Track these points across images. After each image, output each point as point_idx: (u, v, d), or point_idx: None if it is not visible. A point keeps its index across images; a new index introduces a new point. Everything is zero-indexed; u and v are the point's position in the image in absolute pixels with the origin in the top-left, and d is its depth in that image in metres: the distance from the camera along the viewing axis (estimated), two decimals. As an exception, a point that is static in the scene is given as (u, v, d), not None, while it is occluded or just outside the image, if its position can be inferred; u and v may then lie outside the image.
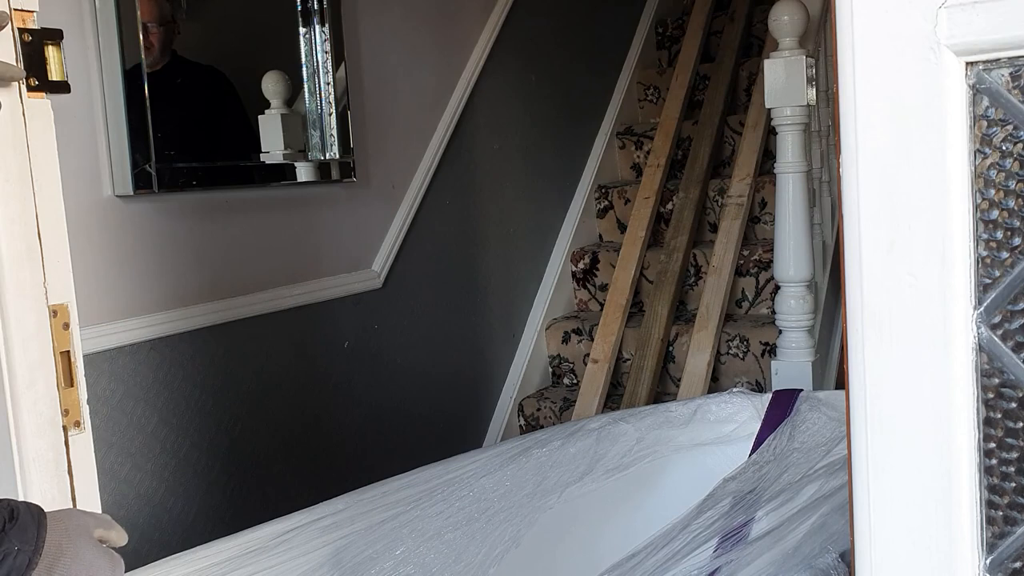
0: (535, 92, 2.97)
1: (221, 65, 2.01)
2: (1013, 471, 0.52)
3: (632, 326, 2.83)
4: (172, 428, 1.91)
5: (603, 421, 1.73)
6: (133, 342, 1.82)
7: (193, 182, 1.92)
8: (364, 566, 1.37)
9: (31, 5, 0.94)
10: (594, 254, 3.08)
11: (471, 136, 2.70)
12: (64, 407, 0.95)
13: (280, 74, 2.10)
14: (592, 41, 3.29)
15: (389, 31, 2.40)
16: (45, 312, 0.94)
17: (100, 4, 1.74)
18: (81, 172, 1.74)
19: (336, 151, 2.20)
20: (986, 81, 0.51)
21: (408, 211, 2.46)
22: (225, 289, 2.01)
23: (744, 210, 2.78)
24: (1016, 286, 0.51)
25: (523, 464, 1.59)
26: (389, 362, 2.44)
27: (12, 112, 0.91)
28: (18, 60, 0.92)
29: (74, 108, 1.70)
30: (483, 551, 1.41)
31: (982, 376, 0.52)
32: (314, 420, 2.23)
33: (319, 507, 1.46)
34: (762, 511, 1.34)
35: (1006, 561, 0.53)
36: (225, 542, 1.35)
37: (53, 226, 0.95)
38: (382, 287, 2.40)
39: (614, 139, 3.37)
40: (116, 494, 1.80)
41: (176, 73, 1.90)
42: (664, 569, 1.21)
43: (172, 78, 1.88)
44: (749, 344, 2.64)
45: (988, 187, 0.51)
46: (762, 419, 1.70)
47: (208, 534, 1.88)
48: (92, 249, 1.75)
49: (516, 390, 2.87)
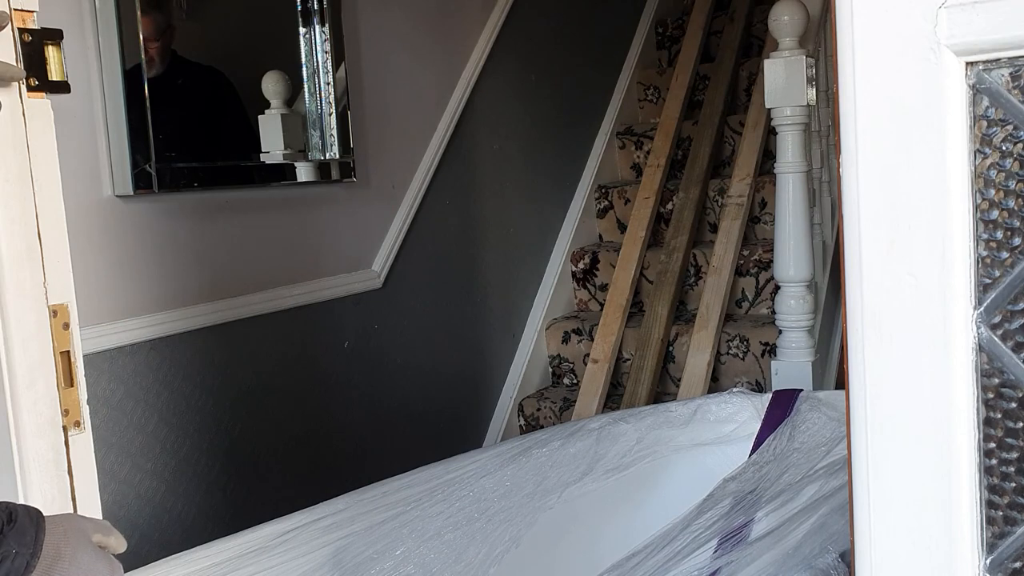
0: (535, 92, 2.97)
1: (221, 65, 2.01)
2: (1013, 471, 0.52)
3: (632, 326, 2.83)
4: (172, 428, 1.91)
5: (603, 421, 1.73)
6: (133, 342, 1.82)
7: (193, 182, 1.92)
8: (364, 566, 1.37)
9: (31, 5, 0.94)
10: (594, 254, 3.08)
11: (471, 136, 2.70)
12: (64, 407, 0.95)
13: (280, 74, 2.10)
14: (592, 41, 3.29)
15: (389, 31, 2.40)
16: (45, 312, 0.94)
17: (100, 4, 1.74)
18: (81, 172, 1.74)
19: (336, 151, 2.20)
20: (986, 81, 0.51)
21: (408, 211, 2.46)
22: (225, 289, 2.01)
23: (744, 210, 2.78)
24: (1016, 286, 0.51)
25: (523, 464, 1.59)
26: (389, 362, 2.43)
27: (12, 112, 0.91)
28: (18, 60, 0.92)
29: (74, 108, 1.70)
30: (483, 551, 1.41)
31: (982, 376, 0.52)
32: (314, 420, 2.23)
33: (319, 507, 1.45)
34: (762, 511, 1.34)
35: (1006, 561, 0.53)
36: (225, 542, 1.35)
37: (53, 226, 0.95)
38: (382, 287, 2.40)
39: (614, 139, 3.37)
40: (116, 494, 1.80)
41: (176, 73, 1.90)
42: (664, 570, 1.21)
43: (172, 78, 1.88)
44: (749, 344, 2.64)
45: (988, 187, 0.51)
46: (762, 419, 1.70)
47: (208, 534, 1.88)
48: (92, 249, 1.75)
49: (516, 390, 2.87)
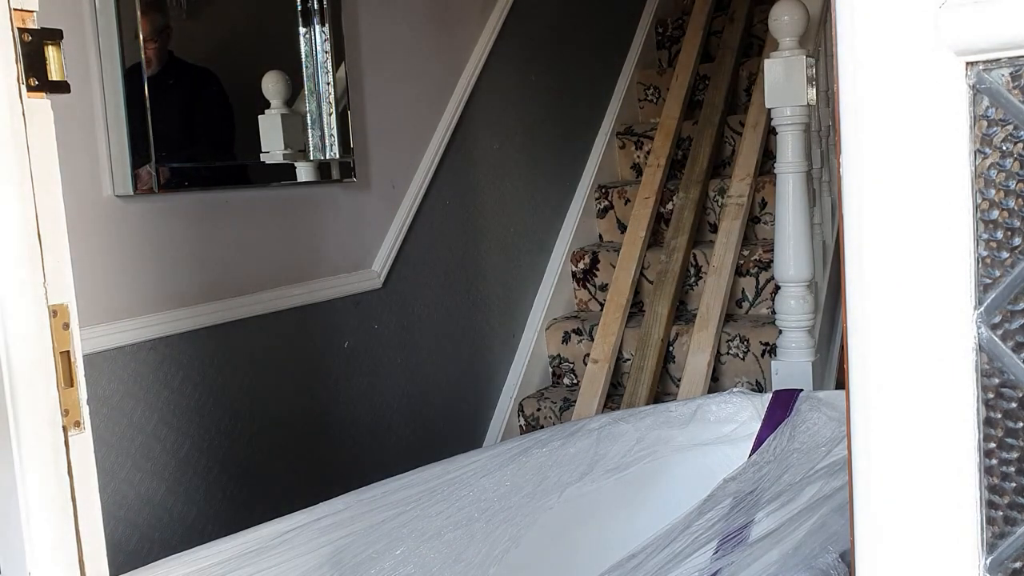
0: (535, 92, 2.97)
1: (221, 65, 2.01)
2: (1013, 471, 0.52)
3: (632, 326, 2.83)
4: (172, 428, 1.91)
5: (603, 421, 1.73)
6: (133, 342, 1.82)
7: (193, 182, 1.92)
8: (364, 566, 1.37)
9: (31, 5, 0.93)
10: (594, 254, 3.08)
11: (471, 136, 2.70)
12: (64, 407, 0.95)
13: (280, 74, 2.10)
14: (592, 41, 3.29)
15: (389, 31, 2.40)
16: (45, 312, 0.94)
17: (100, 4, 1.74)
18: (81, 172, 1.74)
19: (336, 151, 2.20)
20: (986, 81, 0.51)
21: (408, 211, 2.46)
22: (225, 289, 2.01)
23: (744, 210, 2.78)
24: (1016, 286, 0.51)
25: (523, 464, 1.59)
26: (389, 362, 2.43)
27: (12, 112, 0.91)
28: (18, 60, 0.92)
29: (74, 108, 1.70)
30: (483, 551, 1.41)
31: (982, 376, 0.52)
32: (314, 420, 2.23)
33: (319, 507, 1.45)
34: (762, 512, 1.34)
35: (1006, 561, 0.53)
36: (225, 542, 1.35)
37: (53, 226, 0.95)
38: (382, 287, 2.40)
39: (614, 139, 3.37)
40: (116, 494, 1.80)
41: (176, 74, 1.90)
42: (665, 570, 1.21)
43: (172, 79, 1.88)
44: (749, 344, 2.64)
45: (988, 187, 0.51)
46: (762, 419, 1.70)
47: (208, 534, 1.88)
48: (92, 249, 1.75)
49: (516, 390, 2.87)
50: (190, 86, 1.96)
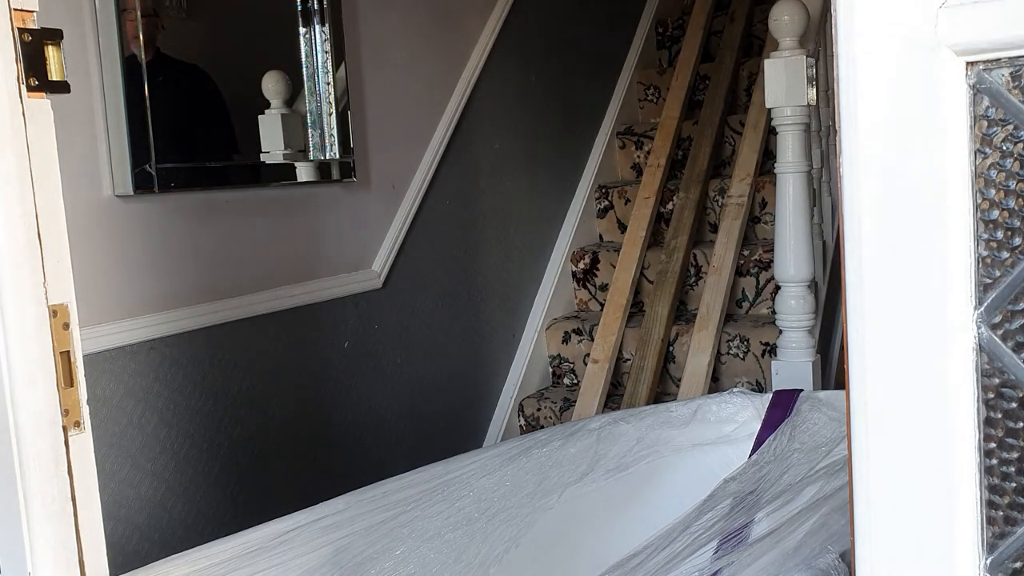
0: (535, 92, 2.97)
1: (222, 65, 2.01)
2: (1013, 471, 0.52)
3: (632, 326, 2.83)
4: (172, 428, 1.91)
5: (603, 421, 1.73)
6: (133, 342, 1.82)
7: (193, 182, 1.92)
8: (364, 566, 1.37)
9: (31, 5, 0.93)
10: (594, 254, 3.08)
11: (471, 136, 2.70)
12: (64, 407, 0.95)
13: (280, 74, 2.10)
14: (592, 41, 3.29)
15: (389, 31, 2.40)
16: (45, 312, 0.94)
17: (100, 4, 1.74)
18: (81, 172, 1.74)
19: (336, 151, 2.20)
20: (986, 81, 0.51)
21: (408, 211, 2.46)
22: (225, 289, 2.01)
23: (744, 210, 2.78)
24: (1016, 286, 0.51)
25: (523, 464, 1.59)
26: (389, 362, 2.43)
27: (12, 112, 0.91)
28: (18, 60, 0.92)
29: (74, 108, 1.70)
30: (483, 551, 1.41)
31: (982, 376, 0.52)
32: (314, 420, 2.23)
33: (319, 507, 1.45)
34: (762, 512, 1.34)
35: (1006, 561, 0.53)
36: (225, 542, 1.35)
37: (53, 226, 0.95)
38: (382, 287, 2.40)
39: (614, 139, 3.37)
40: (116, 494, 1.80)
41: (176, 74, 1.90)
42: (665, 570, 1.21)
43: (172, 79, 1.88)
44: (749, 344, 2.64)
45: (988, 187, 0.51)
46: (762, 419, 1.70)
47: (208, 534, 1.88)
48: (92, 249, 1.75)
49: (516, 390, 2.87)
50: (190, 86, 1.96)
